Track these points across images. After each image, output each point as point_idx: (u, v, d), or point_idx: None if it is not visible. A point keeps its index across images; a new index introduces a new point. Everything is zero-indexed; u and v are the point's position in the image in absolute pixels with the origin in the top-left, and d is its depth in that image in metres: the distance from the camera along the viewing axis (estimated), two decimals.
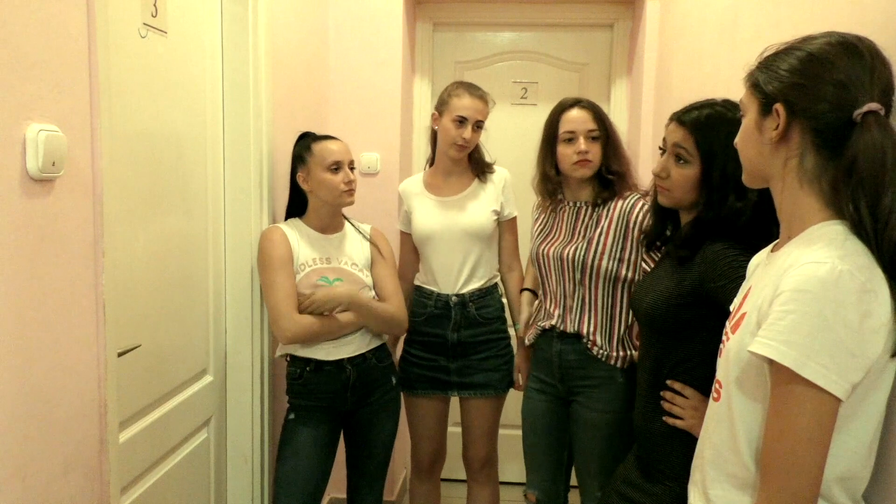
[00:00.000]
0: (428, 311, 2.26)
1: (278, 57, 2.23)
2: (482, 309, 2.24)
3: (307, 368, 1.99)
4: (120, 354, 1.48)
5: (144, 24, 1.61)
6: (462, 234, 2.22)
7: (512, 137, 3.01)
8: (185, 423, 1.88)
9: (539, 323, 2.08)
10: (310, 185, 2.02)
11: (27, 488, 1.17)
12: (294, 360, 2.01)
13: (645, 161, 2.82)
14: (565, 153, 1.97)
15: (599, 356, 1.94)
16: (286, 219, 2.13)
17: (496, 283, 2.32)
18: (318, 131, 2.50)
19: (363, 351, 2.05)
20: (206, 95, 1.94)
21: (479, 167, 2.30)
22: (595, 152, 1.96)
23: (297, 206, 2.12)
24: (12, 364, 1.13)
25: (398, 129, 2.88)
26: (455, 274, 2.23)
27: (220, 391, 2.08)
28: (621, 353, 1.93)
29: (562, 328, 1.99)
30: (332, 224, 2.09)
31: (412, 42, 3.09)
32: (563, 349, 2.00)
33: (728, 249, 1.31)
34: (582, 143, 1.95)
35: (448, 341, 2.24)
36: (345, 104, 2.88)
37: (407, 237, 2.36)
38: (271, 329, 1.96)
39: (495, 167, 2.33)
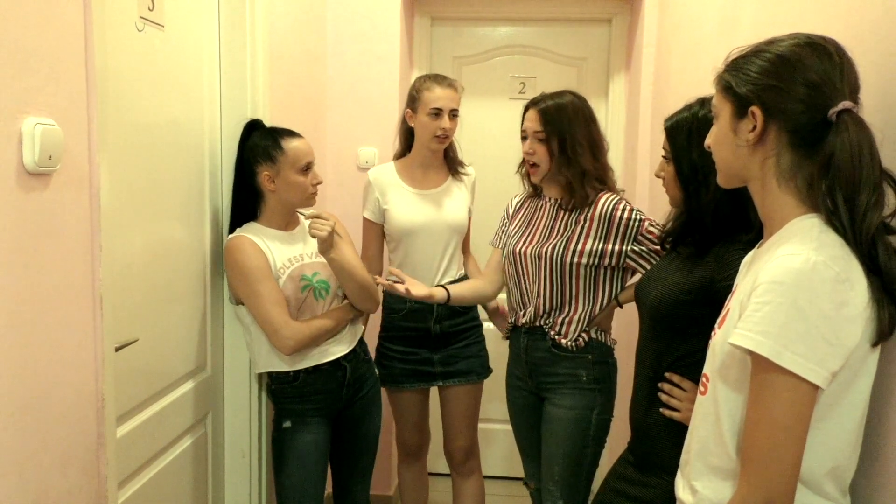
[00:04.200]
0: (408, 305, 2.25)
1: (276, 51, 2.22)
2: None
3: (302, 372, 1.94)
4: (117, 349, 1.48)
5: (141, 17, 1.60)
6: (445, 228, 2.27)
7: (509, 132, 2.98)
8: (183, 418, 1.88)
9: (510, 318, 2.10)
10: (276, 185, 1.89)
11: (24, 482, 1.17)
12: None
13: (643, 155, 2.82)
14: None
15: (568, 347, 1.93)
16: (232, 224, 1.96)
17: (466, 273, 2.36)
18: (317, 126, 2.48)
19: (354, 345, 2.04)
20: (203, 89, 1.93)
21: (454, 164, 2.34)
22: (540, 154, 1.94)
23: (245, 207, 1.96)
24: (9, 358, 1.13)
25: (396, 123, 2.87)
26: (435, 267, 2.26)
27: (219, 386, 2.08)
28: (585, 337, 1.94)
29: (531, 323, 1.98)
30: (292, 220, 2.01)
31: (410, 37, 3.09)
32: (529, 345, 2.01)
33: (743, 251, 1.32)
34: (527, 144, 1.97)
35: (431, 333, 2.26)
36: (342, 99, 2.87)
37: (373, 226, 2.32)
38: (270, 342, 1.88)
39: (468, 167, 2.38)
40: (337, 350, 1.98)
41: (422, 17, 3.14)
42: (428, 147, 2.26)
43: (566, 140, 1.91)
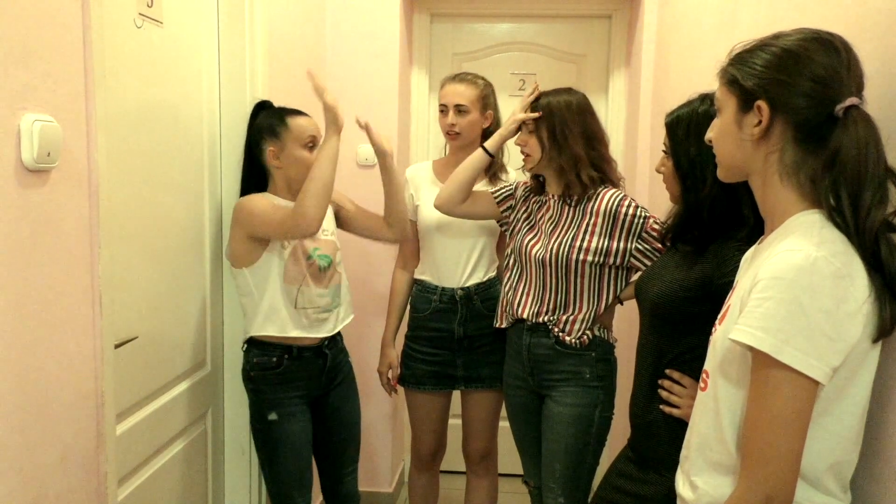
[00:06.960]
0: (433, 305, 2.25)
1: (275, 48, 2.22)
2: (486, 301, 2.24)
3: (286, 356, 1.93)
4: (117, 346, 1.47)
5: (140, 14, 1.60)
6: (470, 227, 2.21)
7: None
8: (183, 415, 1.88)
9: (510, 313, 2.06)
10: (281, 161, 1.92)
11: (24, 480, 1.17)
12: (268, 349, 1.92)
13: (643, 152, 2.81)
14: None
15: (572, 345, 1.93)
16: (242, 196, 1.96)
17: (497, 276, 2.31)
18: (316, 123, 2.47)
19: (338, 330, 2.04)
20: (202, 86, 1.93)
21: (490, 166, 2.25)
22: (531, 145, 1.96)
23: (254, 184, 1.98)
24: (8, 356, 1.13)
25: (396, 120, 2.87)
26: (461, 267, 2.23)
27: (218, 383, 2.08)
28: (589, 334, 1.93)
29: (534, 320, 1.97)
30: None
31: (409, 33, 3.08)
32: (532, 342, 1.99)
33: (743, 246, 1.32)
34: (518, 136, 2.01)
35: (455, 336, 2.23)
36: (342, 96, 2.83)
37: (410, 224, 2.31)
38: (293, 233, 1.84)
39: (509, 169, 2.32)
40: (320, 330, 1.96)
41: (421, 14, 3.13)
42: (449, 144, 2.26)
43: (555, 128, 1.92)
